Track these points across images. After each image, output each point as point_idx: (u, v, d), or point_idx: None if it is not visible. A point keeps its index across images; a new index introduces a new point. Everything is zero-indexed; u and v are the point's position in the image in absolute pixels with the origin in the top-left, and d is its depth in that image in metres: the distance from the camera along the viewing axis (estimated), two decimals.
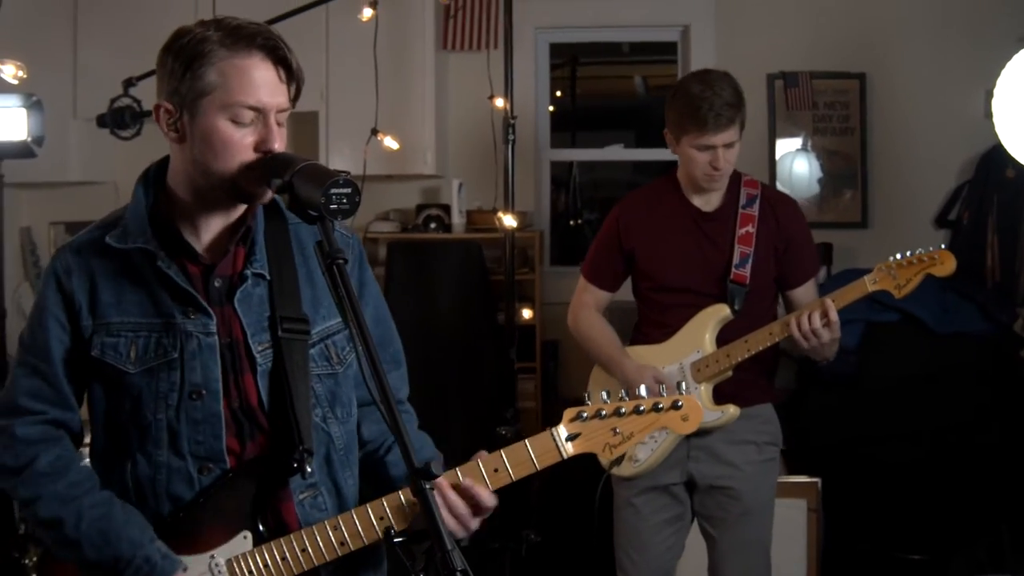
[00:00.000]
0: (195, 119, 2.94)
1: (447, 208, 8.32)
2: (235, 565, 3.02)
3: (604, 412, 3.05)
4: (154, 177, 3.15)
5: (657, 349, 4.98)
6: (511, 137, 6.69)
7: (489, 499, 2.97)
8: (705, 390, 4.83)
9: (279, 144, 2.93)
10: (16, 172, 7.51)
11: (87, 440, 3.20)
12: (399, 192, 8.53)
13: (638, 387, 4.81)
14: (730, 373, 4.83)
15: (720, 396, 4.86)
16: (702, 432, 4.83)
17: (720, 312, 4.85)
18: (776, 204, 4.99)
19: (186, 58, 2.92)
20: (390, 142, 7.71)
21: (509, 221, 6.76)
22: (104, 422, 3.11)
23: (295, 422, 3.02)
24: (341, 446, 3.19)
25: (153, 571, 2.94)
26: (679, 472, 4.95)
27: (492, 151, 7.77)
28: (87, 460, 3.18)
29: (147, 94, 5.73)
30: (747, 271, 4.85)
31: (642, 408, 3.07)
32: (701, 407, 3.17)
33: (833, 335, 4.67)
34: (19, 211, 8.93)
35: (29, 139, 7.22)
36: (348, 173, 2.68)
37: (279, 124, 2.96)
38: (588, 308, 5.20)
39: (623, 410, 3.06)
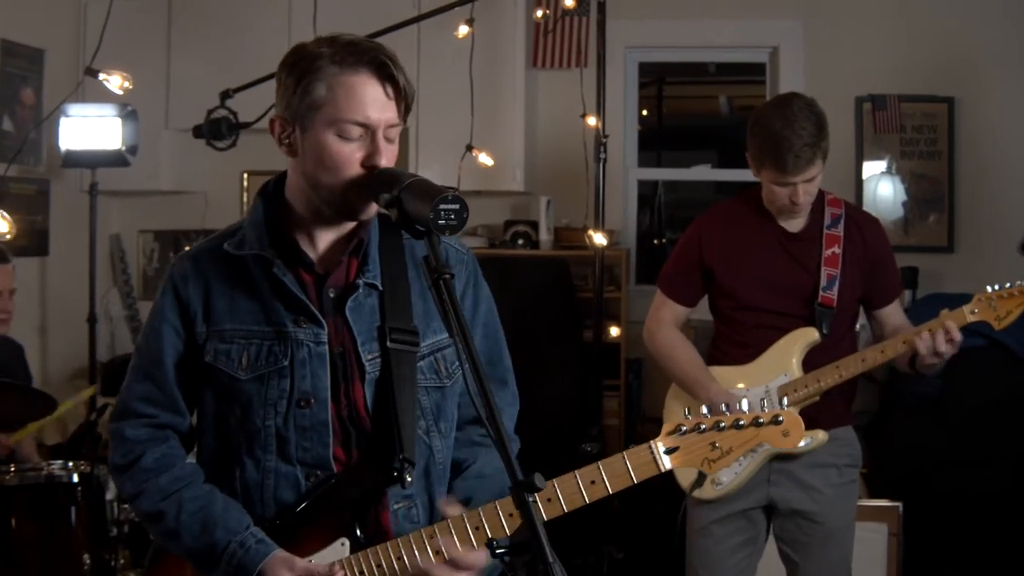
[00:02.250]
0: (306, 134, 3.01)
1: (535, 225, 8.34)
2: None
3: (703, 426, 3.01)
4: (273, 190, 3.21)
5: (740, 370, 4.91)
6: (602, 155, 6.69)
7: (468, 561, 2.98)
8: None
9: (386, 160, 2.97)
10: (109, 180, 7.62)
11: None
12: (487, 208, 8.54)
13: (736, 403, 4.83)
14: (817, 398, 4.76)
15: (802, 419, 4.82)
16: (785, 456, 4.79)
17: (809, 336, 4.79)
18: (861, 223, 4.92)
19: (298, 74, 3.00)
20: (485, 158, 7.78)
21: (599, 239, 6.76)
22: (214, 427, 3.17)
23: (397, 432, 3.05)
24: (440, 460, 3.20)
25: (247, 554, 2.98)
26: (758, 496, 4.88)
27: (580, 168, 7.78)
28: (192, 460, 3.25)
29: (243, 106, 5.80)
30: (834, 293, 4.79)
31: (742, 423, 3.02)
32: (802, 422, 3.12)
33: (954, 351, 4.62)
34: (110, 219, 9.06)
35: (123, 148, 7.36)
36: (456, 189, 2.73)
37: (389, 140, 3.00)
38: (666, 324, 5.09)
39: (723, 424, 3.02)
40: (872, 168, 8.39)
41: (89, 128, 7.42)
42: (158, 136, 8.48)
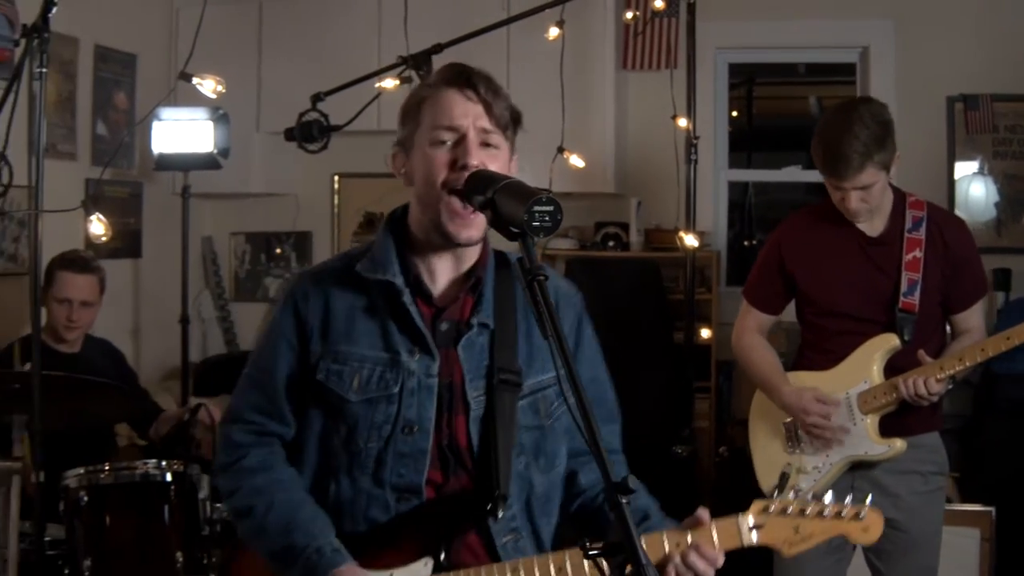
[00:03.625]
0: (410, 157, 3.14)
1: (625, 226, 8.34)
2: None
3: (789, 510, 3.09)
4: (399, 218, 3.28)
5: (822, 376, 4.89)
6: (693, 157, 6.67)
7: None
8: (871, 422, 4.75)
9: (478, 161, 3.01)
10: (201, 183, 7.68)
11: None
12: (578, 209, 8.50)
13: (800, 412, 4.81)
14: (895, 405, 4.74)
15: (885, 425, 4.78)
16: (867, 464, 4.77)
17: (889, 342, 4.75)
18: (943, 225, 4.84)
19: (406, 106, 3.17)
20: (576, 160, 7.76)
21: (690, 241, 6.74)
22: (318, 442, 3.23)
23: (495, 468, 3.11)
24: (541, 493, 3.25)
25: (321, 560, 3.03)
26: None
27: (670, 170, 7.75)
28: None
29: (334, 109, 5.83)
30: (916, 299, 4.74)
31: (825, 513, 3.10)
32: (883, 521, 3.18)
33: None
34: (202, 221, 9.14)
35: (215, 151, 7.41)
36: (550, 191, 2.72)
37: (486, 145, 3.06)
38: (750, 331, 5.12)
39: (807, 511, 3.09)
40: (964, 168, 8.26)
41: (181, 131, 7.48)
42: (249, 139, 8.55)
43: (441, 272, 3.19)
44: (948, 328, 4.97)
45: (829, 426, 4.78)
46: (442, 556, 3.11)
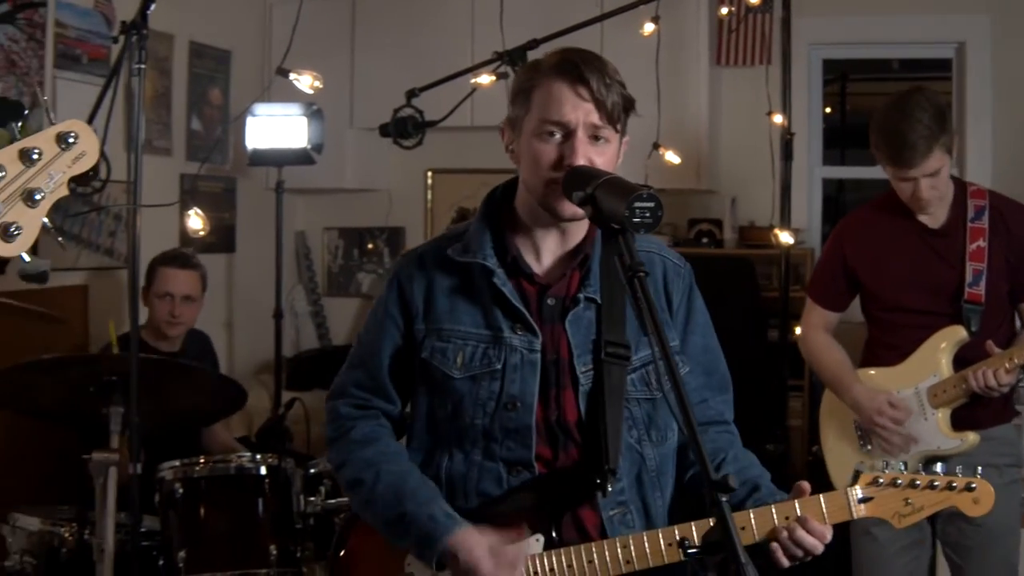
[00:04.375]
0: (519, 139, 3.16)
1: (719, 223, 8.31)
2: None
3: (900, 482, 3.10)
4: (500, 197, 3.34)
5: (891, 372, 4.89)
6: (789, 153, 6.64)
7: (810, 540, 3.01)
8: (943, 416, 4.74)
9: (582, 160, 3.02)
10: (294, 178, 7.72)
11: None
12: (671, 206, 8.31)
13: (872, 413, 4.78)
14: (966, 398, 4.71)
15: (957, 419, 4.75)
16: (940, 459, 4.71)
17: (956, 334, 4.74)
18: (1006, 212, 4.81)
19: (517, 84, 3.21)
20: (672, 156, 7.72)
21: (786, 238, 6.71)
22: (425, 419, 3.31)
23: (604, 443, 3.12)
24: (653, 467, 3.27)
25: (436, 527, 3.08)
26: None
27: (764, 167, 7.74)
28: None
29: (428, 105, 5.84)
30: (981, 289, 4.71)
31: (936, 484, 3.12)
32: (993, 492, 3.18)
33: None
34: (295, 216, 9.20)
35: (309, 147, 7.45)
36: (651, 188, 2.72)
37: (595, 140, 3.07)
38: (816, 329, 5.14)
39: (918, 483, 3.11)
40: None
41: (275, 127, 7.51)
42: (342, 134, 8.57)
43: (547, 249, 3.23)
44: (1018, 318, 4.94)
45: (898, 431, 4.76)
46: (553, 533, 3.14)
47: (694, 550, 2.94)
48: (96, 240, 7.02)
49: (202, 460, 5.11)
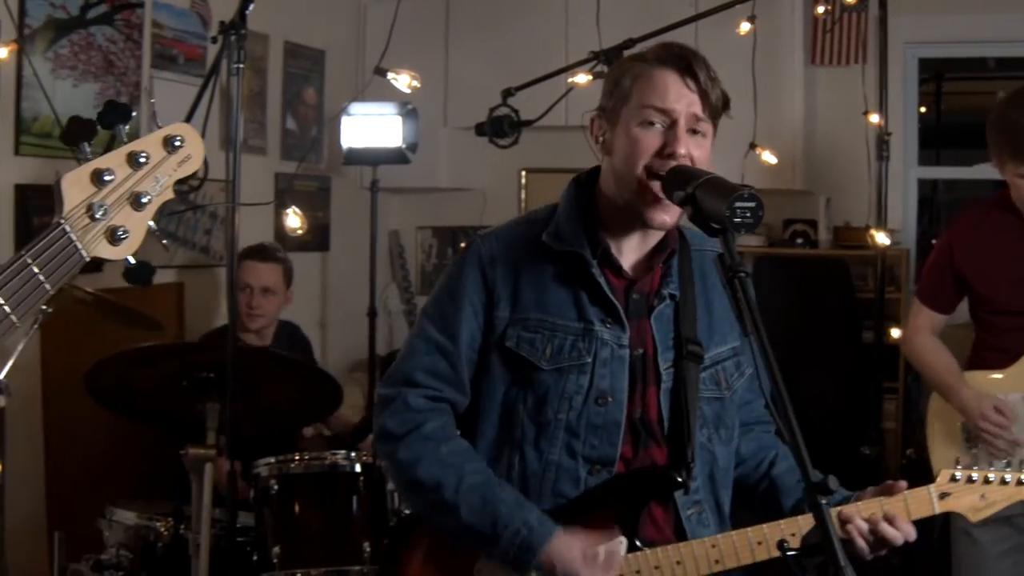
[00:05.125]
0: (614, 128, 3.11)
1: (814, 224, 8.27)
2: None
3: (975, 477, 3.18)
4: (585, 185, 3.29)
5: (998, 376, 4.81)
6: (885, 153, 6.59)
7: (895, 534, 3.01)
8: None
9: (685, 150, 3.00)
10: (389, 177, 7.75)
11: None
12: (767, 206, 8.35)
13: (977, 417, 4.74)
14: None
15: None
16: None
17: None
18: None
19: (615, 75, 3.15)
20: (768, 156, 7.67)
21: (882, 239, 6.65)
22: (499, 413, 3.21)
23: (688, 440, 3.10)
24: (723, 466, 3.26)
25: (531, 534, 3.01)
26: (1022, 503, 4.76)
27: (859, 167, 7.69)
28: None
29: (524, 104, 5.85)
30: None
31: (1007, 479, 3.19)
32: None
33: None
34: (389, 215, 9.25)
35: (403, 146, 7.46)
36: (752, 188, 2.70)
37: (694, 133, 3.05)
38: (923, 331, 5.05)
39: (991, 478, 3.19)
40: None
41: (370, 126, 7.53)
42: (437, 134, 8.61)
43: (629, 248, 3.20)
44: None
45: (1003, 436, 4.70)
46: (635, 534, 3.10)
47: (793, 552, 2.93)
48: (192, 238, 7.09)
49: (297, 457, 5.14)
